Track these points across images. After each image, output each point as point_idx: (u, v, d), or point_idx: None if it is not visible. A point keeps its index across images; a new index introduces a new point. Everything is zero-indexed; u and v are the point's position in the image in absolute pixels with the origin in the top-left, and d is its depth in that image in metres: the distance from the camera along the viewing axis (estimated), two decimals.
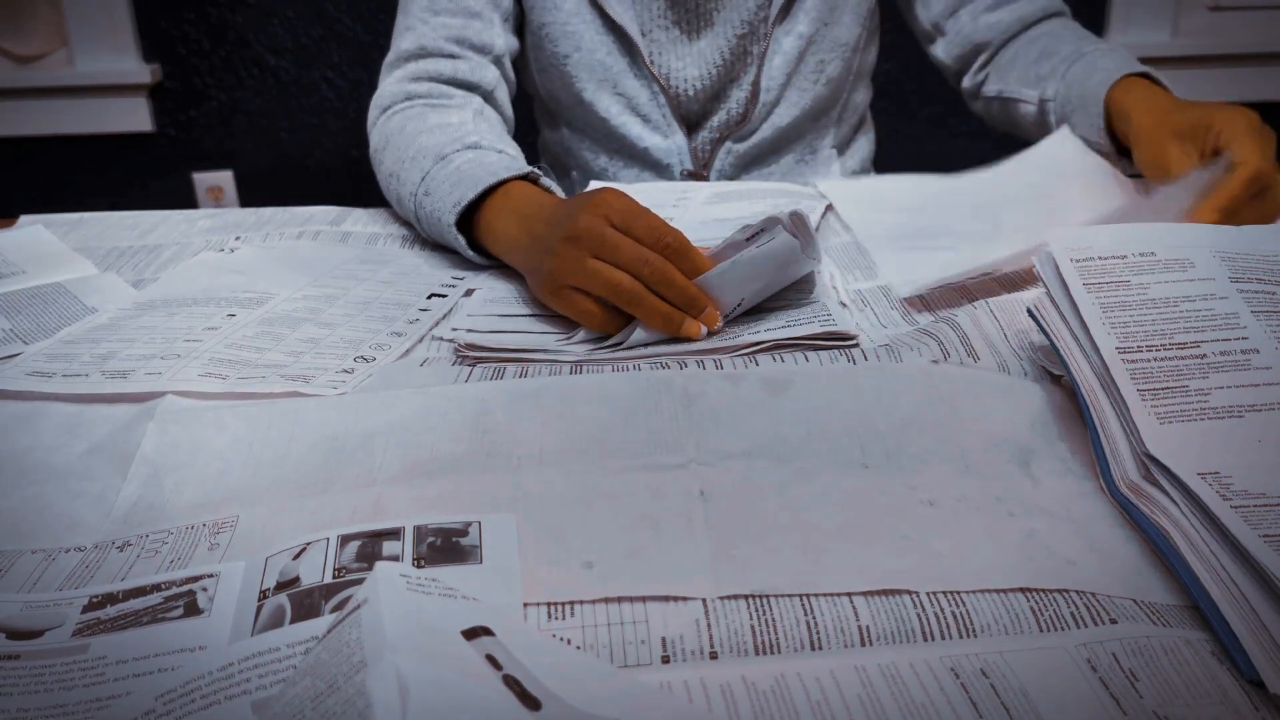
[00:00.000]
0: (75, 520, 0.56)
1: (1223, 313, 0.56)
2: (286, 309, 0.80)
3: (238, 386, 0.67)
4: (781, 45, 1.10)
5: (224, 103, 2.31)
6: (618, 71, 1.10)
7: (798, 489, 0.54)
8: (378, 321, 0.78)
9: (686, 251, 0.71)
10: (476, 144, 0.91)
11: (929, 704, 0.41)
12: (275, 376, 0.68)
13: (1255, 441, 0.51)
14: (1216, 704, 0.40)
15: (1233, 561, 0.44)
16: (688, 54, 1.10)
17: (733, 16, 1.09)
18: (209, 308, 0.79)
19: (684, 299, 0.70)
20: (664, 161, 1.14)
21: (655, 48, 1.10)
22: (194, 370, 0.69)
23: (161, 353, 0.72)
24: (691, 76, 1.11)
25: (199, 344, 0.73)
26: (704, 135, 1.14)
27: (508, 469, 0.57)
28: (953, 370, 0.65)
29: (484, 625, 0.40)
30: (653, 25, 1.09)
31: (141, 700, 0.41)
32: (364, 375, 0.69)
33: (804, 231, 0.71)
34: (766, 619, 0.46)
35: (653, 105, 1.11)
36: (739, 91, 1.12)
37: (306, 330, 0.76)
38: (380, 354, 0.72)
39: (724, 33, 1.09)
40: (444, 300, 0.82)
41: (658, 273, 0.70)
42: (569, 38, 1.08)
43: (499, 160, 0.89)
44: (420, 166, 0.91)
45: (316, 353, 0.72)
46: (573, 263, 0.71)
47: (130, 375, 0.68)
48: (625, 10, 1.07)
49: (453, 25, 1.04)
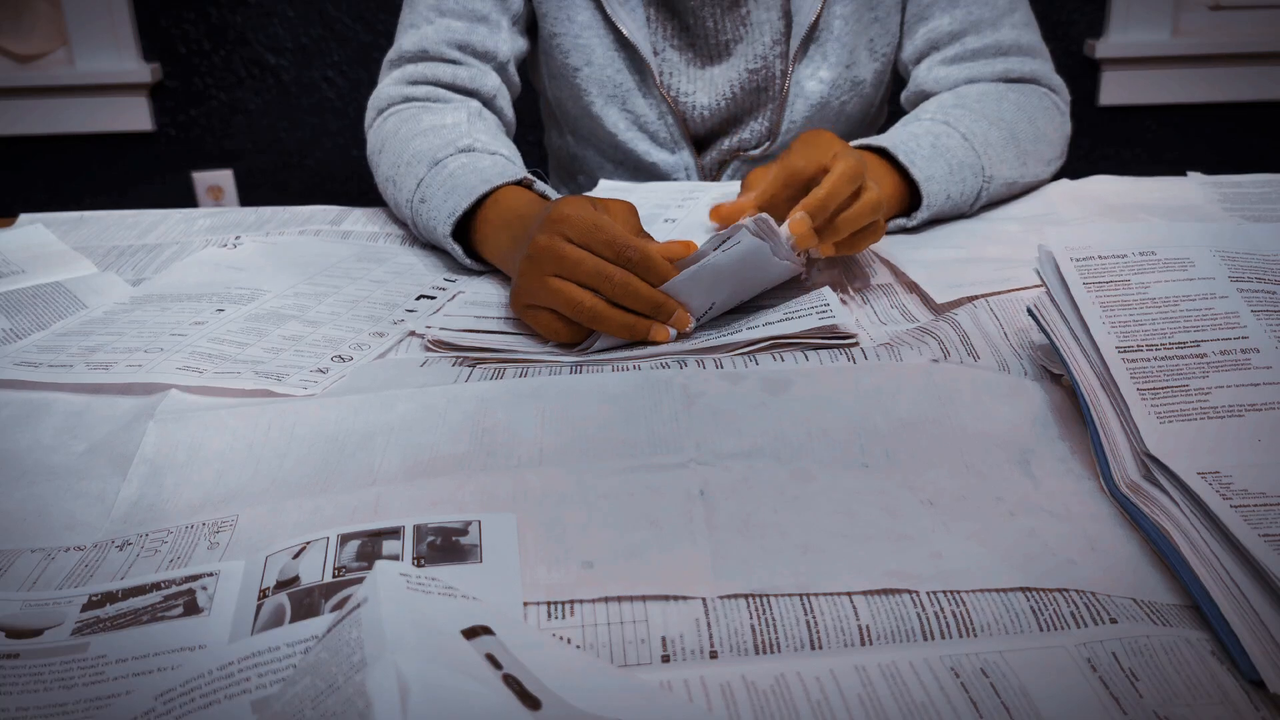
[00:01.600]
0: (75, 519, 0.56)
1: (1223, 312, 0.56)
2: (275, 305, 0.80)
3: (212, 381, 0.67)
4: (804, 89, 1.07)
5: (224, 102, 2.31)
6: (627, 89, 1.08)
7: (798, 489, 0.54)
8: (363, 321, 0.78)
9: (649, 262, 0.70)
10: (470, 147, 0.91)
11: (929, 704, 0.41)
12: (250, 373, 0.68)
13: (1255, 441, 0.51)
14: (1216, 704, 0.40)
15: (1233, 561, 0.44)
16: (699, 78, 1.08)
17: (748, 51, 1.07)
18: (200, 303, 0.80)
19: (649, 307, 0.70)
20: (671, 176, 1.13)
21: (667, 68, 1.08)
22: (173, 364, 0.69)
23: (146, 346, 0.72)
24: (701, 103, 1.09)
25: (183, 338, 0.73)
26: (713, 155, 1.13)
27: (508, 468, 0.57)
28: (953, 370, 0.65)
29: (484, 625, 0.40)
30: (665, 46, 1.07)
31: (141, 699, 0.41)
32: (337, 375, 0.69)
33: (770, 234, 0.71)
34: (766, 619, 0.46)
35: (661, 124, 1.10)
36: (755, 124, 1.11)
37: (291, 327, 0.76)
38: (358, 353, 0.72)
39: (738, 65, 1.08)
40: (433, 302, 0.82)
41: (619, 287, 0.69)
42: (580, 51, 1.07)
43: (492, 165, 0.88)
44: (415, 173, 0.90)
45: (296, 350, 0.72)
46: (534, 281, 0.70)
47: (112, 368, 0.69)
48: (638, 29, 1.05)
49: (457, 29, 1.02)
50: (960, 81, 1.03)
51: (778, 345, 0.70)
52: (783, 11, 1.05)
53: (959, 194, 0.92)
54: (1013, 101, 0.99)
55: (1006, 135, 0.95)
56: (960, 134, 0.93)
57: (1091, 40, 2.27)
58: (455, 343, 0.73)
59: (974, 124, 0.94)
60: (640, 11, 1.05)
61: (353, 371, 0.70)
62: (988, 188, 0.93)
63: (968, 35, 1.03)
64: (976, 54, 1.03)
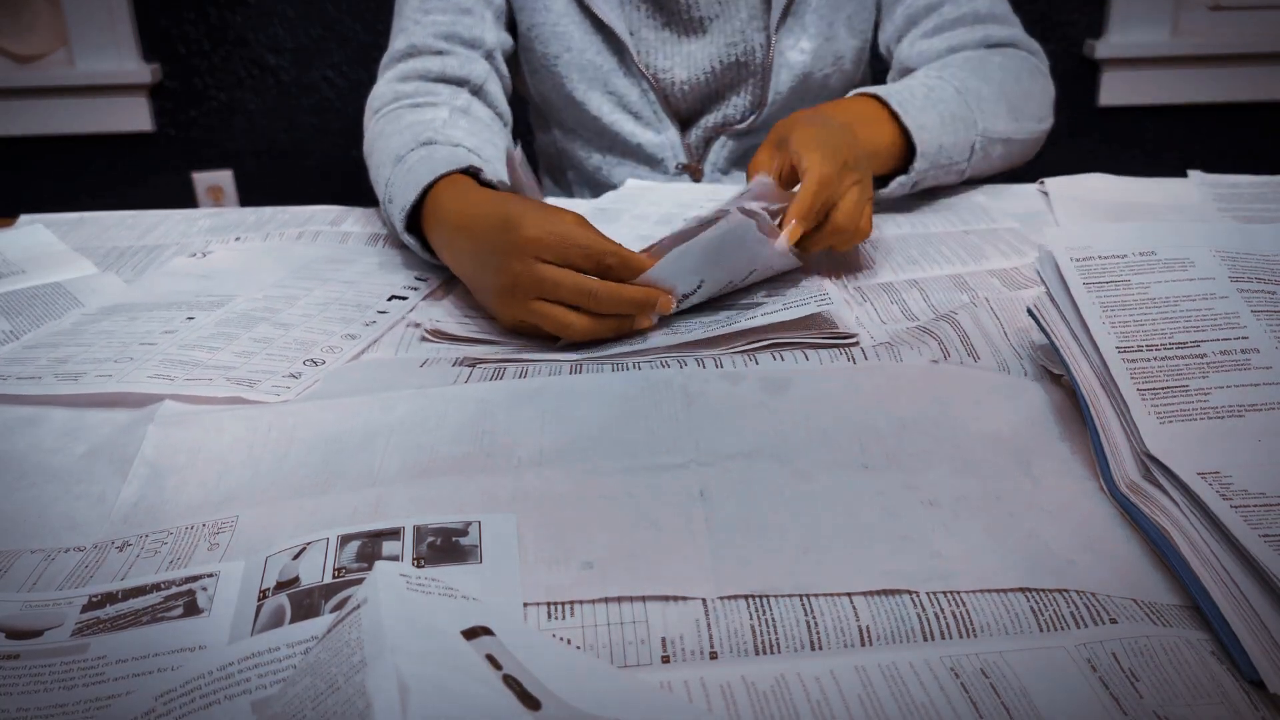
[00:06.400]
0: (75, 520, 0.56)
1: (1223, 312, 0.56)
2: (245, 308, 0.79)
3: (184, 389, 0.66)
4: (788, 59, 1.10)
5: (224, 103, 2.31)
6: (607, 70, 1.10)
7: (798, 489, 0.54)
8: (335, 323, 0.77)
9: (629, 263, 0.70)
10: (431, 140, 0.89)
11: (929, 704, 0.41)
12: (222, 380, 0.67)
13: (1255, 441, 0.51)
14: (1216, 704, 0.40)
15: (1233, 561, 0.44)
16: (676, 54, 1.10)
17: (725, 26, 1.09)
18: (170, 311, 0.79)
19: (635, 307, 0.71)
20: (657, 156, 1.14)
21: (644, 46, 1.10)
22: (144, 372, 0.68)
23: (115, 356, 0.71)
24: (680, 79, 1.11)
25: (154, 347, 0.72)
26: (697, 132, 1.15)
27: (508, 469, 0.57)
28: (953, 370, 0.65)
29: (484, 625, 0.40)
30: (641, 25, 1.09)
31: (141, 700, 0.41)
32: (310, 380, 0.68)
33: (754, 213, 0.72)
34: (766, 619, 0.46)
35: (643, 102, 1.11)
36: (738, 99, 1.12)
37: (261, 330, 0.75)
38: (331, 356, 0.72)
39: (716, 40, 1.09)
40: (404, 303, 0.81)
41: (603, 300, 0.69)
42: (558, 38, 1.09)
43: (447, 156, 0.85)
44: (384, 173, 0.90)
45: (268, 354, 0.72)
46: (518, 307, 0.71)
47: (81, 378, 0.68)
48: (612, 10, 1.07)
49: (442, 22, 1.04)
50: (944, 51, 1.06)
51: (778, 345, 0.70)
52: None
53: (952, 144, 0.94)
54: (997, 63, 1.02)
55: (996, 90, 0.99)
56: (953, 87, 0.97)
57: (1091, 40, 2.27)
58: (454, 333, 0.72)
59: (967, 78, 0.98)
60: None
61: (347, 372, 0.70)
62: (980, 142, 0.96)
63: (944, 5, 1.07)
64: (956, 22, 1.06)
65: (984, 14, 1.06)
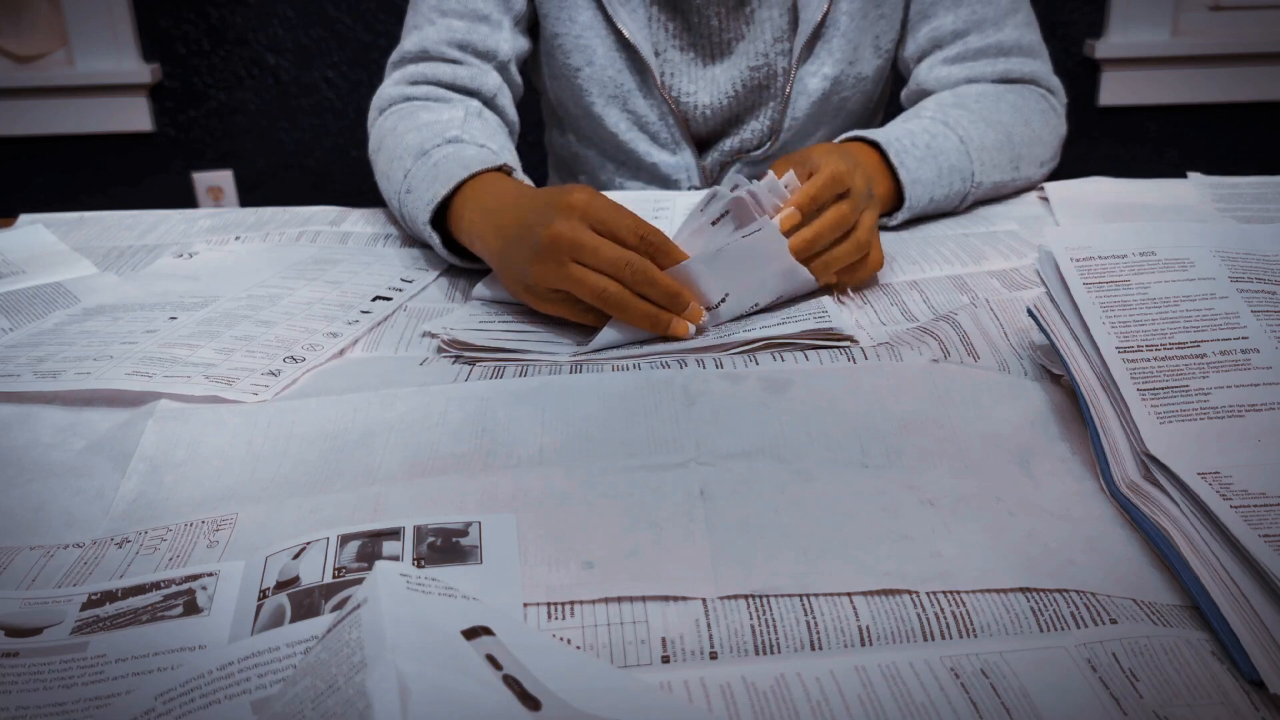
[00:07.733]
0: (74, 517, 0.56)
1: (1223, 312, 0.56)
2: (228, 307, 0.79)
3: (162, 386, 0.66)
4: (807, 86, 1.07)
5: (224, 103, 2.31)
6: (628, 90, 1.08)
7: (798, 489, 0.54)
8: (317, 321, 0.77)
9: (667, 246, 0.71)
10: (458, 138, 0.90)
11: (929, 704, 0.41)
12: (201, 378, 0.67)
13: (1255, 441, 0.51)
14: (1216, 704, 0.40)
15: (1233, 561, 0.44)
16: (700, 78, 1.08)
17: (749, 49, 1.07)
18: (153, 312, 0.79)
19: (666, 297, 0.71)
20: (672, 177, 1.12)
21: (668, 69, 1.08)
22: (122, 369, 0.68)
23: (95, 354, 0.71)
24: (703, 103, 1.09)
25: (134, 345, 0.72)
26: (714, 156, 1.13)
27: (508, 468, 0.57)
28: (953, 370, 0.65)
29: (484, 625, 0.40)
30: (666, 46, 1.07)
31: (141, 699, 0.41)
32: (289, 379, 0.68)
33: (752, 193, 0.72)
34: (766, 619, 0.46)
35: (662, 125, 1.10)
36: (756, 123, 1.11)
37: (243, 328, 0.75)
38: (311, 354, 0.72)
39: (740, 64, 1.07)
40: (388, 304, 0.81)
41: (639, 274, 0.70)
42: (581, 51, 1.07)
43: (476, 154, 0.87)
44: (403, 165, 0.90)
45: (248, 351, 0.71)
46: (553, 269, 0.70)
47: (60, 375, 0.68)
48: (639, 29, 1.05)
49: (457, 28, 1.02)
50: (960, 81, 1.04)
51: (776, 345, 0.70)
52: (788, 8, 1.05)
53: (943, 197, 0.94)
54: (1010, 103, 1.00)
55: (1003, 138, 0.97)
56: (958, 136, 0.95)
57: (1091, 40, 2.27)
58: (473, 341, 0.72)
59: (972, 126, 0.96)
60: (641, 12, 1.05)
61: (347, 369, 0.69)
62: (974, 192, 0.96)
63: (971, 34, 1.04)
64: (979, 53, 1.04)
65: (1009, 46, 1.03)
